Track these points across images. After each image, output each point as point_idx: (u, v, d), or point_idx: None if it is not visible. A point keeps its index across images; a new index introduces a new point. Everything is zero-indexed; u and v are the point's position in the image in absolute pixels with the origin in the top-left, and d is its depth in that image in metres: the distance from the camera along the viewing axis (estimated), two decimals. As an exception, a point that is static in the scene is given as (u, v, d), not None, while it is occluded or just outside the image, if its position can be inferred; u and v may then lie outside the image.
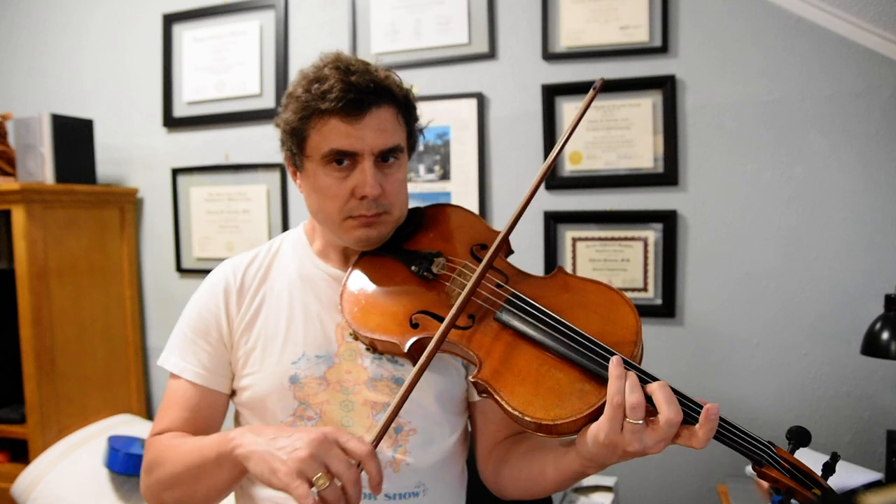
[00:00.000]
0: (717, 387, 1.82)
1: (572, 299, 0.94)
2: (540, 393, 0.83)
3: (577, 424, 0.81)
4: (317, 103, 0.95)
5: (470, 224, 1.09)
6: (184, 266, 2.41)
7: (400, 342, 0.93)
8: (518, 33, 1.97)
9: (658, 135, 1.85)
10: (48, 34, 2.59)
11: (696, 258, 1.84)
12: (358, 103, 0.94)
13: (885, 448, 1.54)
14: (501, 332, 0.91)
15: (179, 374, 1.04)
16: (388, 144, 0.98)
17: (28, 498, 1.92)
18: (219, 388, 1.06)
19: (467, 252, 1.03)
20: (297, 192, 2.20)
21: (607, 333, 0.87)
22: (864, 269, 1.69)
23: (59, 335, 2.12)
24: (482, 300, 0.94)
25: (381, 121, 0.97)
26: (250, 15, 2.28)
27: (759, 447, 0.81)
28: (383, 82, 0.98)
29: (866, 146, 1.68)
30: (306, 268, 1.08)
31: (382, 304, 0.98)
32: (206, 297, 1.08)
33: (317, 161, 0.98)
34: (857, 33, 1.67)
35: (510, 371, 0.86)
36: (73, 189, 2.18)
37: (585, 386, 0.82)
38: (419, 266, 1.00)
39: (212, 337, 1.05)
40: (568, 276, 0.98)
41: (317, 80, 0.96)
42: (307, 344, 1.03)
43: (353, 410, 1.00)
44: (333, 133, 0.95)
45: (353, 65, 0.97)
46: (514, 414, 0.82)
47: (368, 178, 0.95)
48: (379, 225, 1.01)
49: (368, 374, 1.01)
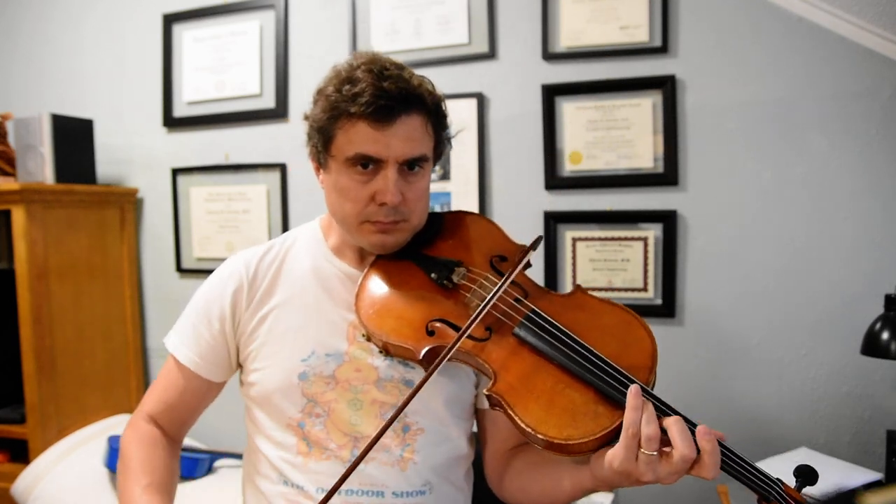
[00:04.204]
0: (717, 387, 1.82)
1: (590, 320, 0.94)
2: (554, 411, 0.83)
3: (588, 446, 0.81)
4: (346, 105, 0.94)
5: (490, 234, 1.08)
6: (184, 266, 2.41)
7: (415, 349, 0.93)
8: (518, 33, 1.97)
9: (658, 135, 1.85)
10: (48, 34, 2.58)
11: (696, 258, 1.84)
12: (388, 110, 0.93)
13: (885, 448, 1.54)
14: (518, 347, 0.91)
15: (174, 354, 1.08)
16: (414, 153, 0.97)
17: (28, 498, 1.92)
18: (209, 377, 1.08)
19: (486, 263, 1.03)
20: (298, 192, 2.23)
21: (623, 357, 0.87)
22: (864, 269, 1.69)
23: (59, 335, 2.12)
24: (500, 313, 0.94)
25: (409, 129, 0.96)
26: (250, 15, 2.28)
27: (769, 483, 0.82)
28: (416, 90, 0.97)
29: (866, 146, 1.68)
30: (320, 264, 1.08)
31: (399, 309, 0.98)
32: (215, 289, 1.08)
33: (340, 162, 0.97)
34: (857, 33, 1.67)
35: (525, 387, 0.86)
36: (73, 189, 2.18)
37: (599, 408, 0.83)
38: (439, 273, 1.00)
39: (213, 328, 1.06)
40: (587, 296, 0.98)
41: (349, 80, 0.95)
42: (317, 341, 1.02)
43: (362, 409, 1.00)
44: (360, 137, 0.94)
45: (387, 69, 0.96)
46: (527, 430, 0.82)
47: (390, 186, 0.95)
48: (396, 232, 1.00)
49: (378, 374, 1.01)
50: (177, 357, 1.08)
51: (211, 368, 1.08)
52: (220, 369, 1.09)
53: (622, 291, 1.89)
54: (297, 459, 1.01)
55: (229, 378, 1.13)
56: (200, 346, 1.07)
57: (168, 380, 1.10)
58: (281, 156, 2.25)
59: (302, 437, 1.01)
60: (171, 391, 1.09)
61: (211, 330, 1.06)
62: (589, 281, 1.92)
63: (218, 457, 2.09)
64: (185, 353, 1.07)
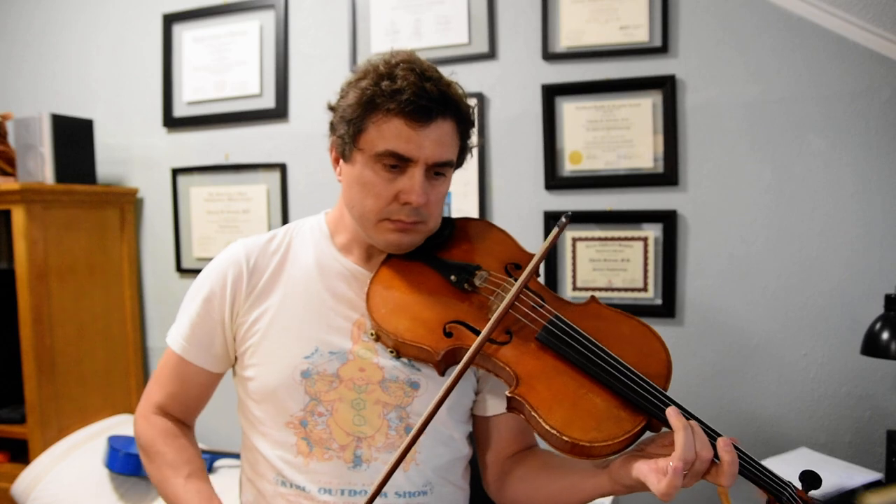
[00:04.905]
0: (717, 387, 1.82)
1: (607, 329, 0.95)
2: (578, 415, 0.85)
3: (611, 449, 0.83)
4: (384, 100, 0.93)
5: (503, 242, 1.10)
6: (184, 266, 2.41)
7: (433, 349, 0.93)
8: (518, 33, 1.97)
9: (658, 135, 1.85)
10: (48, 34, 2.58)
11: (696, 258, 1.84)
12: (426, 111, 0.93)
13: (885, 448, 1.54)
14: (541, 351, 0.92)
15: (172, 346, 1.08)
16: (443, 158, 0.97)
17: (28, 498, 1.92)
18: (210, 368, 1.08)
19: (502, 269, 1.04)
20: (298, 192, 2.22)
21: (642, 365, 0.89)
22: (864, 269, 1.69)
23: (59, 335, 2.12)
24: (522, 317, 0.95)
25: (442, 133, 0.96)
26: (250, 15, 2.28)
27: (783, 486, 0.84)
28: (453, 95, 0.98)
29: (866, 146, 1.68)
30: (325, 260, 1.07)
31: (414, 309, 0.98)
32: (214, 277, 1.07)
33: (369, 156, 0.97)
34: (857, 33, 1.67)
35: (549, 390, 0.87)
36: (73, 189, 2.18)
37: (622, 413, 0.85)
38: (459, 276, 1.00)
39: (212, 318, 1.05)
40: (601, 307, 1.00)
41: (389, 76, 0.95)
42: (321, 339, 1.01)
43: (365, 409, 0.99)
44: (394, 134, 0.94)
45: (427, 70, 0.97)
46: (552, 433, 0.83)
47: (417, 187, 0.95)
48: (413, 233, 1.00)
49: (384, 374, 1.00)
50: (174, 348, 1.08)
51: (210, 359, 1.07)
52: (219, 360, 1.08)
53: (622, 291, 1.89)
54: (297, 459, 1.00)
55: (229, 368, 1.12)
56: (198, 338, 1.06)
57: (169, 370, 1.09)
58: (281, 156, 2.25)
59: (302, 436, 1.00)
60: (174, 382, 1.09)
61: (209, 321, 1.05)
62: (589, 281, 1.92)
63: (218, 457, 2.09)
64: (182, 345, 1.07)
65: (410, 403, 1.00)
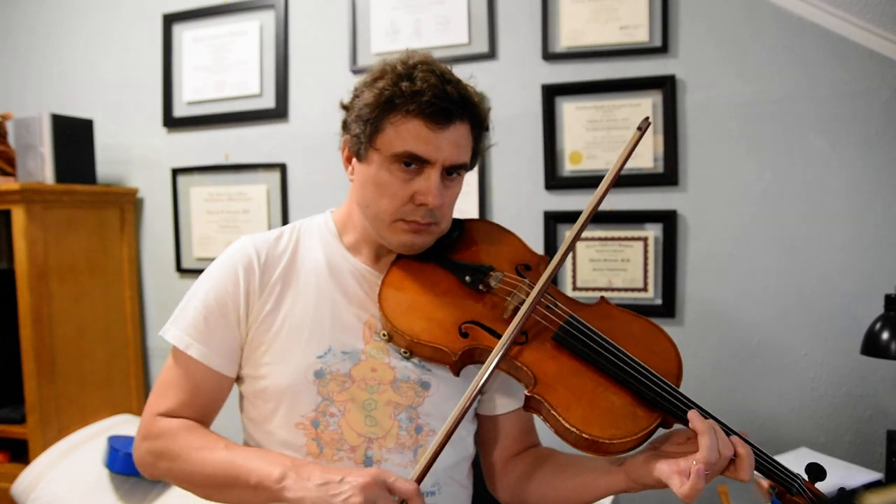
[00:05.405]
0: (717, 387, 1.82)
1: (618, 328, 0.97)
2: (596, 412, 0.86)
3: (629, 445, 0.85)
4: (404, 101, 0.94)
5: (511, 243, 1.11)
6: (184, 266, 2.41)
7: (450, 350, 0.93)
8: (518, 33, 1.97)
9: (658, 135, 1.85)
10: (48, 34, 2.58)
11: (696, 258, 1.84)
12: (446, 113, 0.94)
13: (885, 448, 1.54)
14: (557, 351, 0.93)
15: (185, 350, 0.99)
16: (459, 160, 0.98)
17: (28, 498, 1.92)
18: (226, 373, 1.02)
19: (513, 270, 1.05)
20: (298, 192, 2.22)
21: (654, 364, 0.91)
22: (864, 269, 1.69)
23: (59, 335, 2.12)
24: (539, 317, 0.96)
25: (459, 135, 0.97)
26: (250, 15, 2.28)
27: (793, 477, 0.88)
28: (472, 99, 0.99)
29: (866, 146, 1.68)
30: (335, 259, 1.06)
31: (429, 310, 0.98)
32: (225, 275, 1.02)
33: (385, 156, 0.96)
34: (857, 33, 1.67)
35: (567, 389, 0.89)
36: (73, 189, 2.18)
37: (638, 411, 0.87)
38: (473, 277, 1.01)
39: (228, 319, 1.00)
40: (611, 307, 1.02)
41: (408, 77, 0.95)
42: (334, 339, 1.00)
43: (376, 409, 0.99)
44: (412, 135, 0.94)
45: (446, 73, 0.98)
46: (571, 430, 0.84)
47: (433, 189, 0.95)
48: (426, 234, 1.01)
49: (395, 374, 1.00)
50: (189, 353, 0.99)
51: (226, 363, 1.01)
52: (234, 363, 1.02)
53: (622, 291, 1.89)
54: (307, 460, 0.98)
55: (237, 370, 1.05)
56: (215, 341, 0.99)
57: (179, 379, 1.01)
58: (281, 156, 2.25)
59: (313, 436, 0.98)
60: (186, 390, 1.00)
61: (225, 321, 1.00)
62: (589, 281, 1.92)
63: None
64: (197, 348, 0.99)
65: (421, 404, 1.00)
